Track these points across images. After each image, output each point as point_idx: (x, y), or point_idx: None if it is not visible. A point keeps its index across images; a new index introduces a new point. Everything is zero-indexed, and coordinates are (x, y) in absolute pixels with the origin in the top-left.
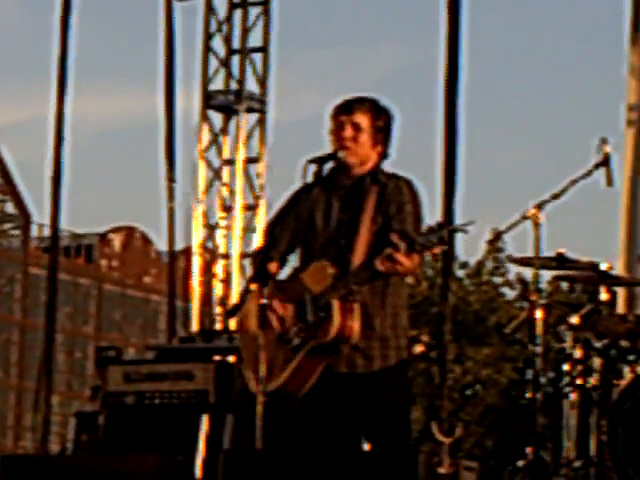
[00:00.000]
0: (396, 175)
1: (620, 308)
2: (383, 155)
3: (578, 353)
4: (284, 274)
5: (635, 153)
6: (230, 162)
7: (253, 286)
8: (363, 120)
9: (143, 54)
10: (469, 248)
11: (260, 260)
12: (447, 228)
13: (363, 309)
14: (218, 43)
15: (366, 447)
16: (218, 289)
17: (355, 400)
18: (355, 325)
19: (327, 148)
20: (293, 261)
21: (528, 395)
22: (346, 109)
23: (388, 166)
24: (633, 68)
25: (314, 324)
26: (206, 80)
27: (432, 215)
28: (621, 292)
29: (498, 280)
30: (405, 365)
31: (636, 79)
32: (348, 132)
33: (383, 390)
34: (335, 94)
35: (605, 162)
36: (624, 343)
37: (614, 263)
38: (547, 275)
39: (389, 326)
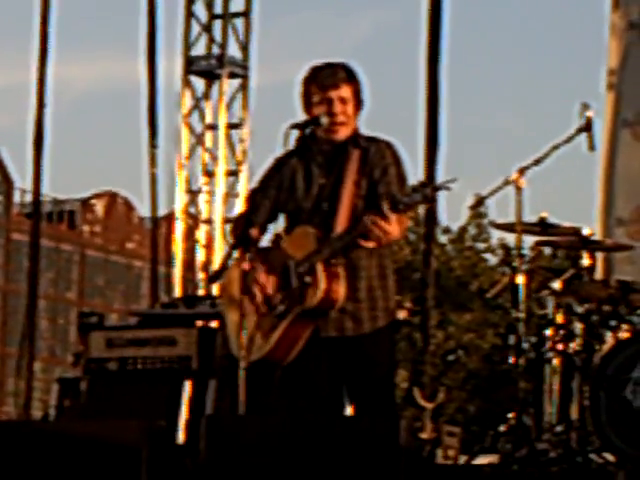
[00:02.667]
0: (376, 138)
1: (598, 274)
2: (359, 117)
3: (560, 318)
4: (266, 241)
5: (613, 117)
6: (212, 127)
7: (236, 252)
8: (347, 92)
9: (125, 19)
10: (452, 214)
11: (242, 226)
12: (431, 186)
13: (350, 271)
14: (200, 8)
15: (349, 412)
16: (201, 254)
17: (344, 363)
18: (341, 289)
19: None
20: (274, 229)
21: (510, 360)
22: (331, 84)
23: (371, 129)
24: (614, 29)
25: (298, 290)
26: (188, 45)
27: (415, 178)
28: (599, 257)
29: (481, 246)
30: (393, 327)
31: (616, 41)
32: (338, 107)
33: (372, 352)
34: (317, 58)
35: (587, 127)
36: (606, 308)
37: (594, 228)
38: (529, 240)
39: (378, 287)
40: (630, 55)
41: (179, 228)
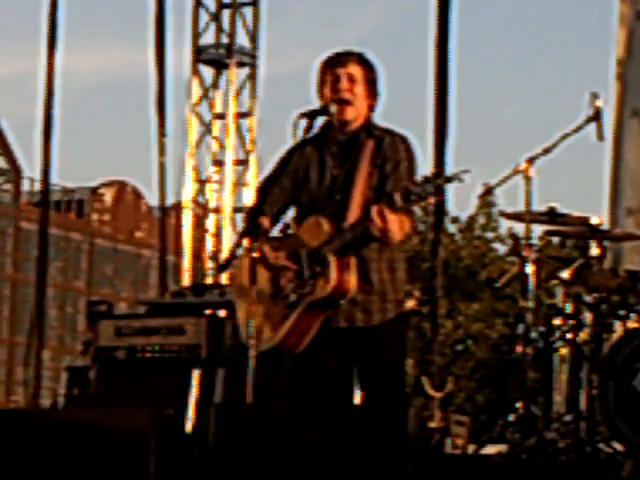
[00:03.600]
0: (391, 131)
1: (607, 264)
2: (373, 107)
3: (569, 308)
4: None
5: (621, 106)
6: (221, 116)
7: (245, 241)
8: (357, 72)
9: (133, 8)
10: (460, 203)
11: (252, 215)
12: (444, 177)
13: (361, 263)
14: None
15: (357, 401)
16: (209, 243)
17: (353, 353)
18: (352, 279)
19: (317, 103)
20: (285, 219)
21: (519, 350)
22: (340, 62)
23: (380, 119)
24: (623, 19)
25: (310, 279)
26: (196, 34)
27: (424, 170)
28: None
29: (489, 235)
30: (403, 318)
31: (625, 30)
32: (345, 84)
33: (382, 343)
34: (325, 48)
35: (596, 116)
36: (615, 298)
37: (603, 217)
38: (538, 230)
39: (388, 280)
40: (637, 44)
41: (188, 217)
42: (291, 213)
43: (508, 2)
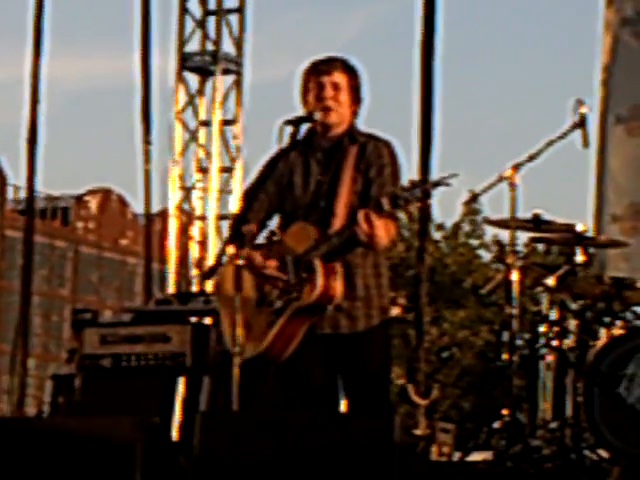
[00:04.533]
0: (375, 136)
1: (594, 270)
2: (356, 113)
3: (554, 315)
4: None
5: (605, 113)
6: (206, 124)
7: (230, 248)
8: (341, 79)
9: (119, 15)
10: (445, 210)
11: (237, 222)
12: (431, 181)
13: (346, 269)
14: (194, 4)
15: (343, 409)
16: (194, 251)
17: (338, 359)
18: (338, 285)
19: (301, 110)
20: (270, 226)
21: (504, 357)
22: (324, 70)
23: (365, 126)
24: (608, 25)
25: (296, 285)
26: (182, 41)
27: (409, 176)
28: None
29: (474, 242)
30: (387, 324)
31: (610, 37)
32: (329, 92)
33: (367, 350)
34: (311, 55)
35: (581, 123)
36: (600, 305)
37: (588, 224)
38: (523, 237)
39: (373, 286)
40: (622, 51)
41: (173, 224)
42: (276, 220)
43: (494, 8)
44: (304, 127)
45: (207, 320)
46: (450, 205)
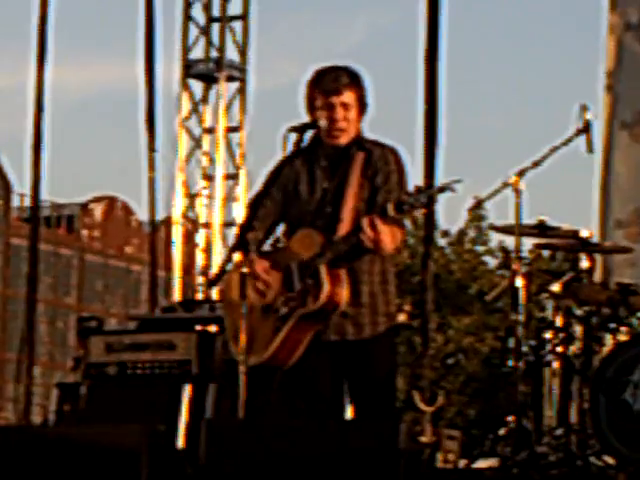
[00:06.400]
0: (381, 143)
1: (598, 276)
2: (362, 120)
3: (559, 321)
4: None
5: (610, 119)
6: (211, 131)
7: (236, 255)
8: (350, 97)
9: (123, 23)
10: (450, 216)
11: (243, 230)
12: (436, 187)
13: (352, 275)
14: (198, 11)
15: (349, 416)
16: (199, 258)
17: (344, 367)
18: (343, 292)
19: (306, 117)
20: (276, 234)
21: (510, 363)
22: (334, 89)
23: (369, 132)
24: (612, 30)
25: (301, 292)
26: (186, 49)
27: (414, 182)
28: (599, 260)
29: (480, 248)
30: (394, 331)
31: (614, 42)
32: (340, 114)
33: (373, 357)
34: (315, 61)
35: (586, 129)
36: (605, 310)
37: (593, 230)
38: (528, 243)
39: (379, 292)
40: (627, 56)
41: (178, 232)
42: (281, 228)
43: (498, 14)
44: (308, 134)
45: (213, 328)
46: (455, 211)
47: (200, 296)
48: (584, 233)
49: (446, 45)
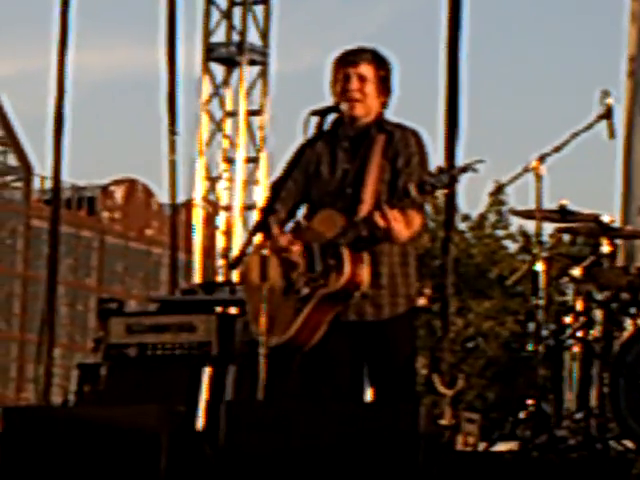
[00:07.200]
0: (402, 125)
1: (620, 261)
2: (385, 104)
3: (580, 305)
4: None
5: (632, 104)
6: (232, 114)
7: (257, 238)
8: (368, 71)
9: (145, 6)
10: (471, 201)
11: (265, 212)
12: (459, 167)
13: (372, 256)
14: None
15: (369, 398)
16: (220, 241)
17: (363, 348)
18: (365, 273)
19: (329, 100)
20: (298, 216)
21: (530, 347)
22: (351, 61)
23: (391, 115)
24: (634, 16)
25: (323, 273)
26: (208, 32)
27: (435, 163)
28: (621, 245)
29: (500, 233)
30: (413, 313)
31: (636, 27)
32: (354, 84)
33: (392, 338)
34: (337, 45)
35: (607, 114)
36: (625, 295)
37: (614, 215)
38: (549, 228)
39: (399, 274)
40: None
41: (198, 215)
42: (303, 210)
43: (519, 1)
44: (330, 117)
45: (233, 310)
46: (476, 196)
47: (220, 278)
48: (605, 218)
49: (468, 29)
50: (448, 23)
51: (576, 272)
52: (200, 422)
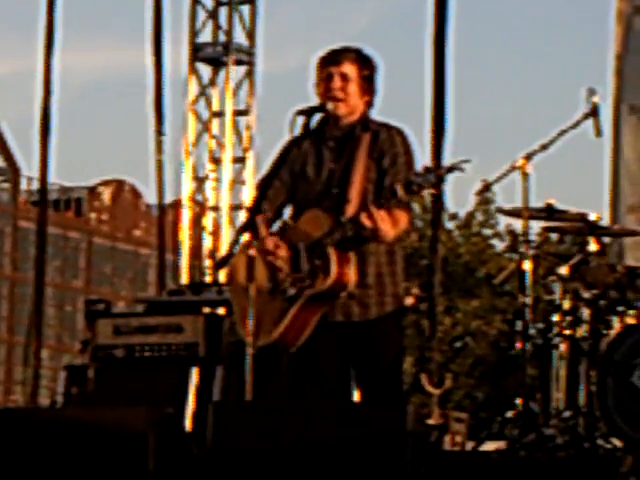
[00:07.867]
0: (388, 124)
1: (611, 259)
2: (370, 104)
3: (567, 304)
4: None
5: (618, 102)
6: (219, 114)
7: (244, 237)
8: (351, 70)
9: (131, 6)
10: (458, 200)
11: (252, 212)
12: (445, 167)
13: (359, 256)
14: None
15: (356, 397)
16: (207, 241)
17: (350, 348)
18: (351, 273)
19: (315, 99)
20: (284, 216)
21: (517, 346)
22: (333, 60)
23: (377, 114)
24: (620, 14)
25: (309, 273)
26: (194, 32)
27: (422, 163)
28: (609, 243)
29: (488, 232)
30: (401, 313)
31: (622, 26)
32: (337, 83)
33: (379, 338)
34: (323, 45)
35: (593, 112)
36: (613, 294)
37: (603, 214)
38: (536, 226)
39: (386, 273)
40: (634, 40)
41: (186, 215)
42: (289, 210)
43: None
44: (316, 117)
45: (220, 310)
46: (463, 195)
47: (208, 279)
48: (592, 216)
49: (454, 28)
50: (434, 22)
51: (563, 271)
52: (188, 423)
